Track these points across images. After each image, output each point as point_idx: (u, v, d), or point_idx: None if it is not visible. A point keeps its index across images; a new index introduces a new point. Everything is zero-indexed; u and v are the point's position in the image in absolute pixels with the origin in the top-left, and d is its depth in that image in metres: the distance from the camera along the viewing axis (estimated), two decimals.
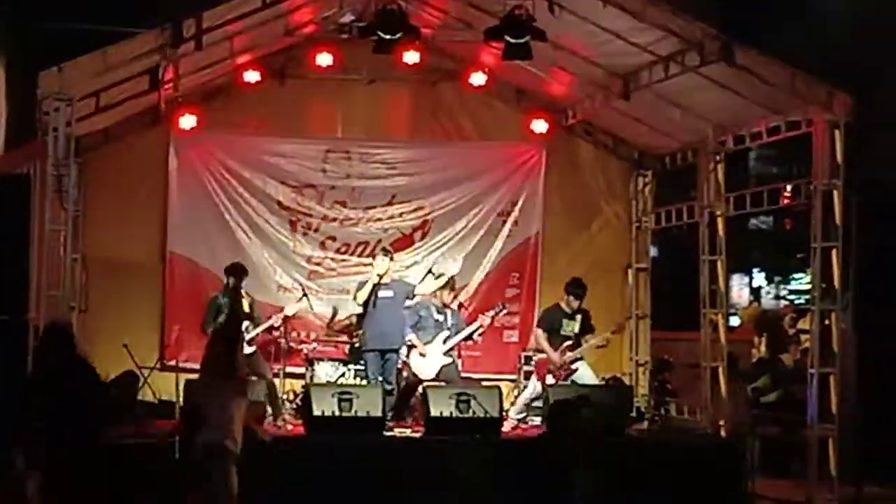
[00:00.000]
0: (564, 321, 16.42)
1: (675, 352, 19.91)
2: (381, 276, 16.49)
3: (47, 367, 11.13)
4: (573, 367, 16.24)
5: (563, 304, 16.55)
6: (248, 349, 16.07)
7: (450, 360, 16.52)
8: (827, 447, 14.76)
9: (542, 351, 16.52)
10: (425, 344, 16.44)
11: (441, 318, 16.58)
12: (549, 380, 16.12)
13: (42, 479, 10.94)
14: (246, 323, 16.37)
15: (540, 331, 16.58)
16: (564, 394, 15.12)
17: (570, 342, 16.28)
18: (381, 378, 16.22)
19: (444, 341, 16.46)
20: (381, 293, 16.50)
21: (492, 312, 16.89)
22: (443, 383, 16.12)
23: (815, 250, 14.92)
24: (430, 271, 17.58)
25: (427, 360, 16.44)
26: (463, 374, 17.01)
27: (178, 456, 11.86)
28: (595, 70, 17.02)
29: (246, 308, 16.59)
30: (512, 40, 15.10)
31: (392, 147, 18.72)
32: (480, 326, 16.76)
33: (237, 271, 16.68)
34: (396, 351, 16.54)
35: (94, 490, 10.96)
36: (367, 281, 16.59)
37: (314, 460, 14.52)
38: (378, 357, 16.41)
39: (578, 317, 16.47)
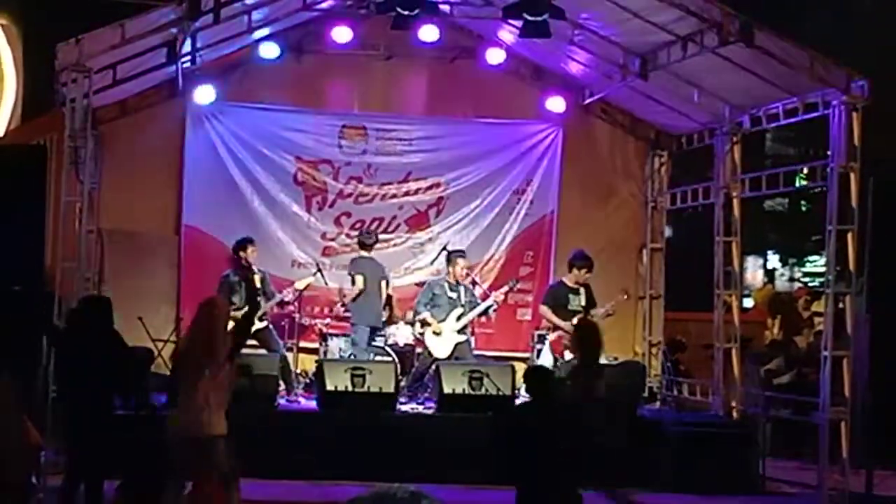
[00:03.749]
0: (570, 296, 16.44)
1: (688, 332, 19.95)
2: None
3: (83, 334, 11.20)
4: None
5: (566, 280, 16.57)
6: (260, 324, 16.15)
7: (464, 337, 16.56)
8: (839, 430, 14.75)
9: (555, 328, 16.50)
10: (439, 322, 16.47)
11: (454, 295, 16.61)
12: (567, 355, 16.07)
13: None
14: (257, 298, 16.42)
15: (545, 307, 16.60)
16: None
17: (580, 314, 16.26)
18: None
19: (458, 318, 16.49)
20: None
21: (505, 288, 16.94)
22: (456, 361, 16.16)
23: (831, 233, 14.90)
24: (444, 248, 17.60)
25: (441, 339, 16.48)
26: (476, 352, 17.06)
27: None
28: (613, 49, 16.98)
29: (258, 283, 16.63)
30: (530, 18, 15.07)
31: (408, 123, 18.71)
32: (494, 303, 16.78)
33: (242, 245, 16.71)
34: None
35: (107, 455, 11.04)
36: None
37: (327, 435, 14.60)
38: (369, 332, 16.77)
39: (583, 290, 16.48)
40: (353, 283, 16.99)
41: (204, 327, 10.67)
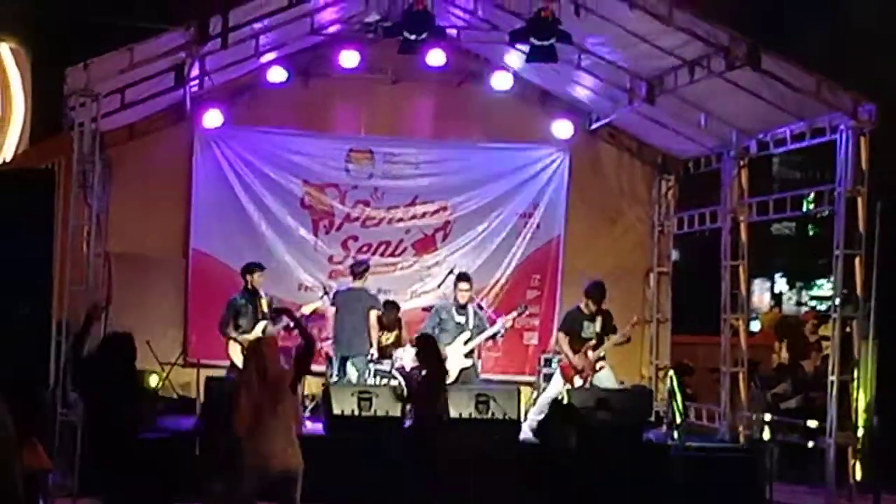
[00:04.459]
0: (585, 323, 16.37)
1: (696, 356, 19.89)
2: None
3: (105, 371, 11.19)
4: (598, 366, 16.18)
5: (582, 307, 16.53)
6: None
7: (469, 362, 16.52)
8: (846, 455, 14.73)
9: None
10: (446, 346, 16.46)
11: (462, 319, 16.58)
12: (577, 381, 16.04)
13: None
14: (264, 322, 16.42)
15: (561, 334, 16.51)
16: (585, 397, 15.16)
17: (592, 342, 16.23)
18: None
19: (465, 343, 16.48)
20: None
21: (514, 314, 16.88)
22: (463, 384, 16.13)
23: (838, 257, 14.89)
24: (451, 272, 17.60)
25: (447, 363, 16.44)
26: (482, 376, 17.03)
27: (199, 452, 11.91)
28: (620, 73, 17.03)
29: (265, 307, 16.61)
30: (537, 42, 15.09)
31: (415, 147, 18.76)
32: (503, 328, 16.77)
33: (250, 269, 16.70)
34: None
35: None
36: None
37: (334, 459, 14.57)
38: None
39: (599, 318, 16.42)
40: None
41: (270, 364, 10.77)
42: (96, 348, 11.90)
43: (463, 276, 16.97)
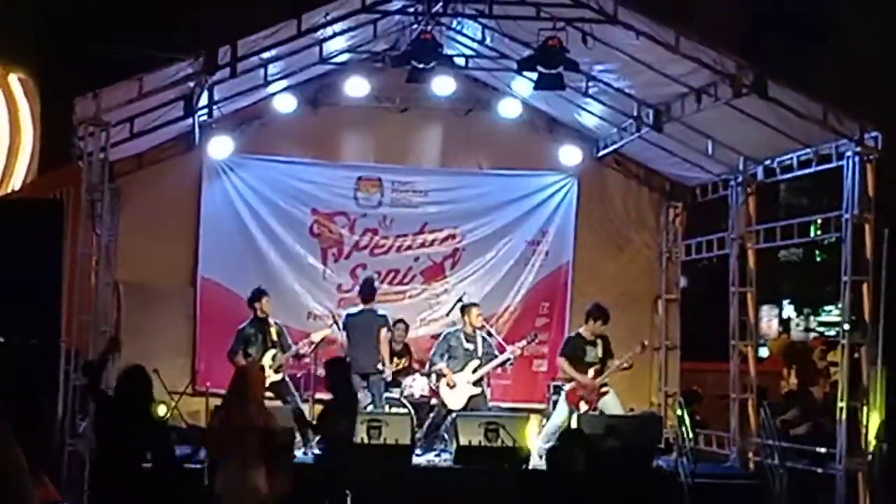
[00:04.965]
0: (587, 348, 16.36)
1: (704, 383, 19.86)
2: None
3: (123, 404, 11.20)
4: (602, 390, 16.18)
5: (584, 332, 16.52)
6: (276, 376, 16.18)
7: (478, 390, 16.53)
8: (856, 481, 14.70)
9: (570, 379, 16.45)
10: (455, 373, 16.46)
11: (471, 346, 16.59)
12: (583, 406, 16.04)
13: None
14: (273, 351, 16.44)
15: (563, 359, 16.52)
16: (593, 423, 15.15)
17: (596, 366, 16.23)
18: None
19: (474, 371, 16.48)
20: None
21: (523, 343, 16.90)
22: (472, 412, 16.12)
23: (846, 284, 14.89)
24: (459, 300, 17.61)
25: (456, 391, 16.46)
26: (491, 403, 17.03)
27: (207, 483, 11.89)
28: (627, 101, 17.07)
29: (274, 336, 16.62)
30: (545, 71, 15.15)
31: (424, 175, 18.79)
32: (511, 356, 16.77)
33: (256, 296, 16.71)
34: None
35: None
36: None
37: (342, 487, 14.53)
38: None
39: (600, 342, 16.42)
40: None
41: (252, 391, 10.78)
42: (115, 383, 11.91)
43: (473, 305, 16.99)
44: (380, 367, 16.60)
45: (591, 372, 16.11)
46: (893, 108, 20.33)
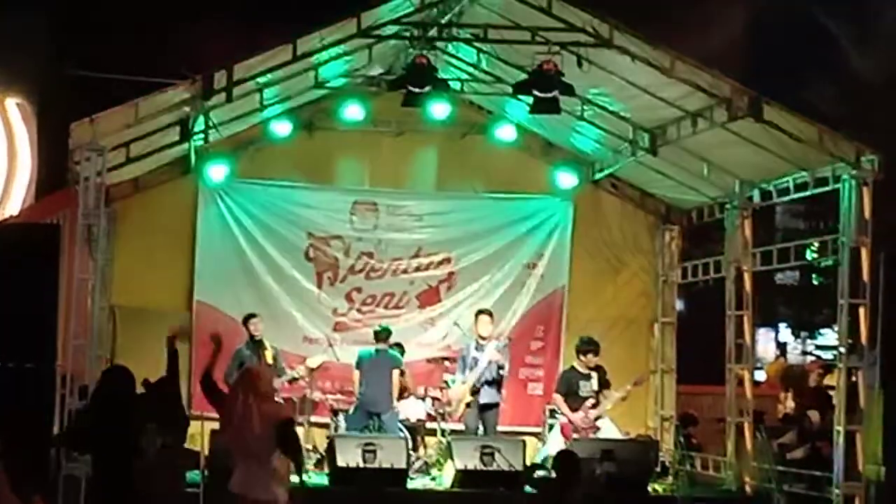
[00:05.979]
0: (581, 382, 16.18)
1: (700, 406, 19.85)
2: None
3: (107, 398, 11.16)
4: (597, 424, 16.10)
5: (577, 365, 16.38)
6: None
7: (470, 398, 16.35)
8: None
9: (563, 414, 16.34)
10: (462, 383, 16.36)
11: (478, 354, 16.47)
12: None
13: None
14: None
15: (558, 396, 16.38)
16: (588, 448, 15.11)
17: (592, 400, 16.12)
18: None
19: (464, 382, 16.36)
20: None
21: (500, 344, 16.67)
22: (467, 436, 16.07)
23: (842, 307, 14.89)
24: (455, 324, 17.60)
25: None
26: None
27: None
28: (623, 124, 17.10)
29: (269, 360, 16.60)
30: (540, 94, 15.19)
31: (419, 199, 18.79)
32: (494, 359, 16.45)
33: (248, 319, 16.73)
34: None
35: None
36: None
37: None
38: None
39: (594, 374, 16.31)
40: None
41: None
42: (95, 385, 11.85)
43: (480, 311, 16.89)
44: (394, 404, 16.62)
45: (588, 402, 15.98)
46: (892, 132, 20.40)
